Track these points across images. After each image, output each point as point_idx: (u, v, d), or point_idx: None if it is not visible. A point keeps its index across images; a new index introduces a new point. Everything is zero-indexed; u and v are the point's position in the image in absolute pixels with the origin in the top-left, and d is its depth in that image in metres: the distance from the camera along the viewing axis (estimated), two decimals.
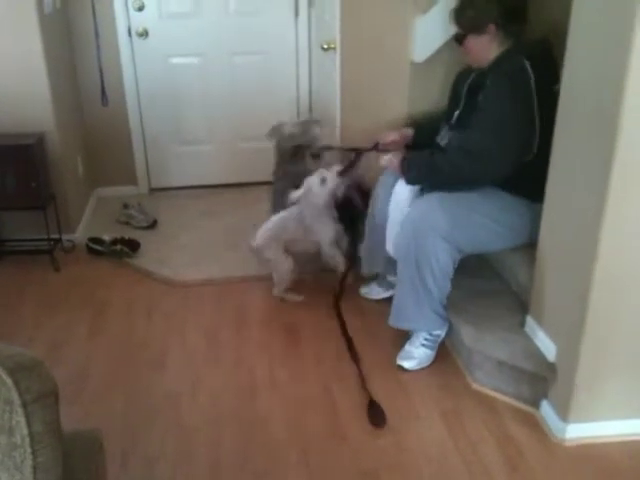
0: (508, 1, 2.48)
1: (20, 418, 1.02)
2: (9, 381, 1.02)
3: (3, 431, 1.01)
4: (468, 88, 2.62)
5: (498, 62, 2.49)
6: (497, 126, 2.37)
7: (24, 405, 1.03)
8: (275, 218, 3.04)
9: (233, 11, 4.10)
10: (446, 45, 2.94)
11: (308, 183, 2.92)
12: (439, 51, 2.99)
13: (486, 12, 2.46)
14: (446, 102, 2.85)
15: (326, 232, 2.99)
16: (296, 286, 3.08)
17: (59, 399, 1.14)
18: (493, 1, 2.46)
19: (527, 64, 2.33)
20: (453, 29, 2.68)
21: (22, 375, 1.04)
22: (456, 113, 2.65)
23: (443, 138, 2.69)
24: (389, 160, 2.67)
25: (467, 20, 2.53)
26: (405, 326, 2.65)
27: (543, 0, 2.65)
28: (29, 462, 1.02)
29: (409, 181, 2.58)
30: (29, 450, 1.02)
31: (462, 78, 2.70)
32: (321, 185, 2.90)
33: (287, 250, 2.98)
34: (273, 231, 2.99)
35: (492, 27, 2.47)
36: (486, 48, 2.51)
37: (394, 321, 2.65)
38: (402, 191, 2.61)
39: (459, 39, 2.61)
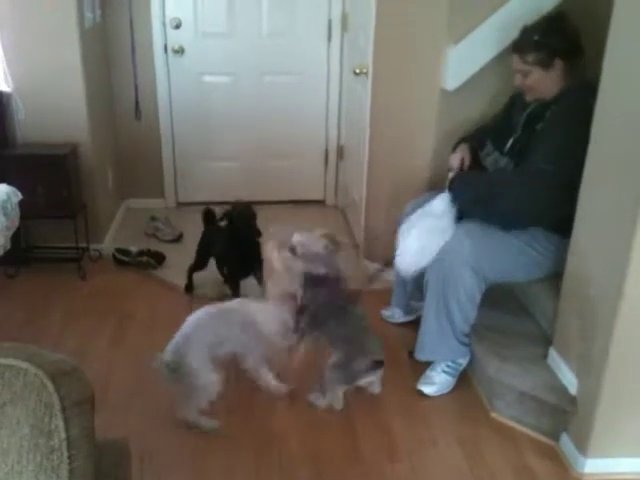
0: (572, 35, 2.47)
1: (59, 422, 1.05)
2: (50, 385, 1.05)
3: (43, 434, 1.03)
4: (527, 117, 2.58)
5: (562, 95, 2.47)
6: (559, 152, 2.31)
7: (63, 409, 1.05)
8: (196, 318, 2.37)
9: (267, 33, 4.18)
10: (477, 74, 2.98)
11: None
12: (470, 80, 3.02)
13: (553, 47, 2.44)
14: (475, 127, 2.87)
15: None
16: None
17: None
18: (559, 36, 2.45)
19: (592, 101, 2.16)
20: (486, 57, 2.68)
21: (63, 380, 1.07)
22: (510, 140, 2.62)
23: (492, 161, 2.67)
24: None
25: (534, 56, 2.46)
26: (431, 358, 2.64)
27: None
28: (65, 466, 1.04)
29: (459, 197, 2.54)
30: (66, 454, 1.05)
31: (520, 104, 2.65)
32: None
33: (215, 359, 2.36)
34: (196, 330, 2.35)
35: (559, 62, 2.46)
36: (551, 83, 2.48)
37: (420, 355, 2.65)
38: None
39: (525, 74, 2.52)
